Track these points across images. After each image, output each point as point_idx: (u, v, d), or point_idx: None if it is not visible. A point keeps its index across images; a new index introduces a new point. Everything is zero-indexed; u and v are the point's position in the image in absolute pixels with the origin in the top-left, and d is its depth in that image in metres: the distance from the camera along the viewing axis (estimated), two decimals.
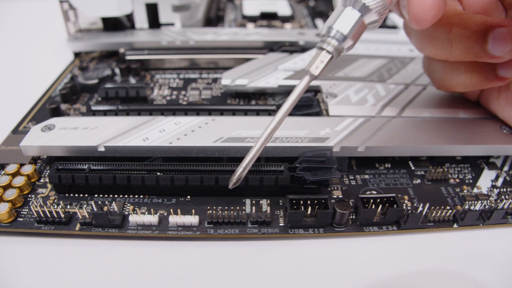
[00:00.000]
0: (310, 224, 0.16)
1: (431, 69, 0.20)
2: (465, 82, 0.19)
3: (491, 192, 0.19)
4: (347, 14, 0.13)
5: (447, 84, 0.20)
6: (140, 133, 0.18)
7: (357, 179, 0.19)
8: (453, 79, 0.19)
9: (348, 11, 0.13)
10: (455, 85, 0.19)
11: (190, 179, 0.17)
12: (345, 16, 0.13)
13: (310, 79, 0.14)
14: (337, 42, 0.13)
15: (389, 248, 0.16)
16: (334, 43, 0.13)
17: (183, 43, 0.26)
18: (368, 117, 0.20)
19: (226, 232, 0.16)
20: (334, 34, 0.13)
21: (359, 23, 0.13)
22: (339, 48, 0.13)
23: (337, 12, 0.13)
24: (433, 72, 0.20)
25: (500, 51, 0.16)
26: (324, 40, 0.13)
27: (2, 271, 0.15)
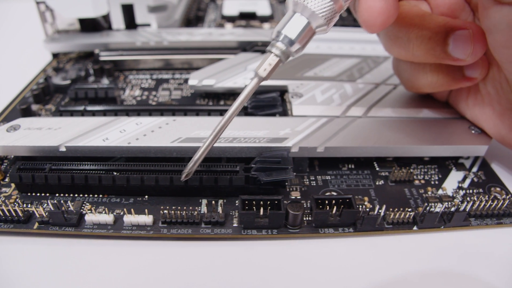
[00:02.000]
0: (263, 225, 0.16)
1: (399, 70, 0.20)
2: (432, 82, 0.18)
3: (456, 193, 0.19)
4: (295, 20, 0.14)
5: (414, 85, 0.20)
6: (101, 133, 0.18)
7: (318, 179, 0.19)
8: (419, 79, 0.19)
9: (297, 17, 0.14)
10: (422, 85, 0.19)
11: (145, 179, 0.17)
12: (293, 22, 0.14)
13: (258, 80, 0.14)
14: (285, 46, 0.14)
15: (345, 251, 0.16)
16: (282, 47, 0.14)
17: (157, 43, 0.26)
18: (332, 117, 0.19)
19: (179, 232, 0.16)
20: (283, 38, 0.14)
21: (307, 29, 0.14)
22: (287, 52, 0.14)
23: (286, 17, 0.14)
24: (401, 73, 0.20)
25: (461, 53, 0.16)
26: (273, 44, 0.14)
27: None
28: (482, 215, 0.18)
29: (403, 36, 0.17)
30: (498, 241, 0.17)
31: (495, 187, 0.19)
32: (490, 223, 0.17)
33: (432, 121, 0.20)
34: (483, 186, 0.19)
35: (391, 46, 0.18)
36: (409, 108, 0.21)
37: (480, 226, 0.17)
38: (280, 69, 0.23)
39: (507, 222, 0.17)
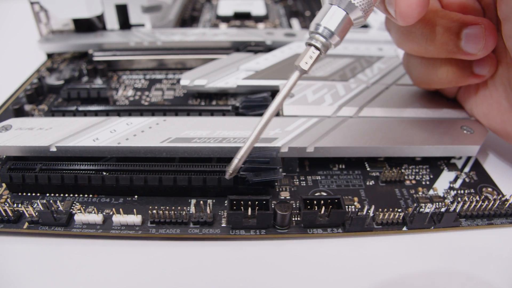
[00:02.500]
0: (251, 225, 0.16)
1: (409, 66, 0.21)
2: (441, 78, 0.19)
3: (447, 194, 0.19)
4: (334, 11, 0.14)
5: (424, 81, 0.20)
6: (92, 133, 0.18)
7: (308, 180, 0.19)
8: (429, 75, 0.19)
9: (335, 8, 0.14)
10: (432, 81, 0.20)
11: (134, 179, 0.17)
12: (332, 14, 0.14)
13: (300, 74, 0.14)
14: (325, 39, 0.14)
15: (334, 251, 0.16)
16: (322, 40, 0.14)
17: (151, 44, 0.26)
18: (323, 117, 0.19)
19: (167, 232, 0.16)
20: (322, 30, 0.14)
21: (345, 20, 0.14)
22: (327, 44, 0.14)
23: (324, 9, 0.14)
24: (411, 69, 0.20)
25: (473, 48, 0.17)
26: (313, 36, 0.14)
27: None
28: (473, 215, 0.17)
29: (417, 31, 0.18)
30: (488, 241, 0.17)
31: (486, 187, 0.19)
32: (481, 224, 0.17)
33: (424, 121, 0.20)
34: (474, 186, 0.19)
35: (404, 41, 0.19)
36: (401, 108, 0.21)
37: (471, 227, 0.17)
38: (272, 69, 0.23)
39: (498, 223, 0.17)
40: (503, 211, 0.18)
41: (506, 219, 0.18)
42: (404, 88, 0.23)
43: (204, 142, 0.18)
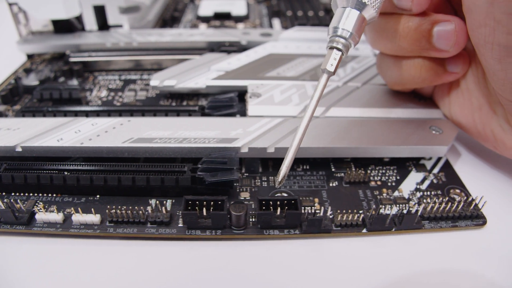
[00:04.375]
0: (207, 225, 0.16)
1: (383, 67, 0.21)
2: (415, 77, 0.19)
3: (412, 195, 0.18)
4: (348, 13, 0.15)
5: (398, 81, 0.20)
6: (57, 133, 0.19)
7: (270, 180, 0.19)
8: (403, 74, 0.19)
9: (348, 10, 0.15)
10: (405, 81, 0.20)
11: (94, 179, 0.17)
12: (346, 15, 0.15)
13: (328, 76, 0.15)
14: (344, 39, 0.15)
15: (290, 253, 0.16)
16: (342, 41, 0.15)
17: (127, 44, 0.26)
18: (288, 118, 0.20)
19: (125, 232, 0.16)
20: (341, 32, 0.15)
21: (360, 19, 0.15)
22: (347, 44, 0.15)
23: (338, 13, 0.15)
24: (385, 70, 0.21)
25: (445, 44, 0.17)
26: (333, 40, 0.15)
27: None
28: (437, 217, 0.17)
29: (390, 27, 0.18)
30: (452, 244, 0.17)
31: (454, 188, 0.19)
32: (445, 226, 0.17)
33: (393, 121, 0.20)
34: (442, 187, 0.19)
35: (378, 39, 0.19)
36: (370, 108, 0.21)
37: (434, 229, 0.17)
38: (242, 69, 0.24)
39: (463, 225, 0.17)
40: (468, 213, 0.17)
41: (472, 221, 0.17)
42: (375, 87, 0.23)
43: (165, 142, 0.18)
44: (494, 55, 0.15)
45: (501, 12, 0.14)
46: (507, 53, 0.14)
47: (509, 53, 0.14)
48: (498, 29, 0.14)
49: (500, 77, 0.16)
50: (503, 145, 0.18)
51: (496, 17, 0.14)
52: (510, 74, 0.15)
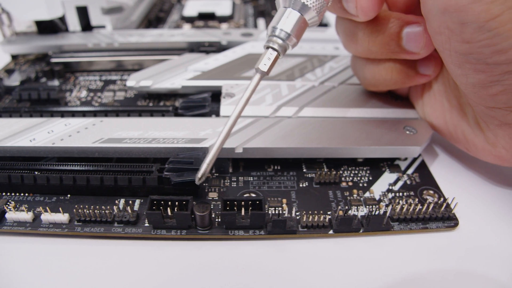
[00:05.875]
0: (172, 225, 0.16)
1: (356, 68, 0.21)
2: (386, 79, 0.19)
3: (384, 196, 0.18)
4: (289, 13, 0.15)
5: (371, 82, 0.20)
6: (31, 134, 0.19)
7: (240, 181, 0.19)
8: (375, 76, 0.20)
9: (289, 11, 0.15)
10: (378, 82, 0.20)
11: (64, 179, 0.18)
12: (287, 16, 0.15)
13: (261, 76, 0.15)
14: (282, 40, 0.15)
15: (254, 253, 0.16)
16: (279, 42, 0.15)
17: (108, 45, 0.27)
18: (259, 118, 0.20)
19: (92, 231, 0.17)
20: (279, 33, 0.15)
21: (300, 21, 0.15)
22: (284, 45, 0.15)
23: (279, 13, 0.15)
24: (358, 71, 0.21)
25: (415, 46, 0.17)
26: (270, 39, 0.15)
27: None
28: (407, 219, 0.17)
29: (360, 31, 0.18)
30: (422, 246, 0.17)
31: (428, 190, 0.19)
32: (415, 228, 0.17)
33: (367, 121, 0.20)
34: (415, 188, 0.19)
35: (349, 43, 0.19)
36: (345, 108, 0.21)
37: (403, 231, 0.17)
38: (219, 70, 0.24)
39: (433, 227, 0.17)
40: (440, 215, 0.17)
41: (443, 223, 0.17)
42: (351, 87, 0.23)
43: (134, 142, 0.18)
44: (453, 61, 0.15)
45: (453, 21, 0.14)
46: (465, 60, 0.15)
47: (467, 59, 0.15)
48: (452, 37, 0.14)
49: (462, 81, 0.16)
50: (473, 147, 0.18)
51: (449, 26, 0.14)
52: (470, 79, 0.15)
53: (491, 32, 0.13)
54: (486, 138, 0.17)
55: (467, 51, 0.14)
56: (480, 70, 0.14)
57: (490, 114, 0.16)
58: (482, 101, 0.16)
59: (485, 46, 0.14)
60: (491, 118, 0.16)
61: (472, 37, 0.14)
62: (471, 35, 0.14)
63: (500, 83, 0.14)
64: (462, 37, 0.14)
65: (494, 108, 0.16)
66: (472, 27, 0.13)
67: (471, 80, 0.15)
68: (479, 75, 0.15)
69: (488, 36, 0.13)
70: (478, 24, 0.13)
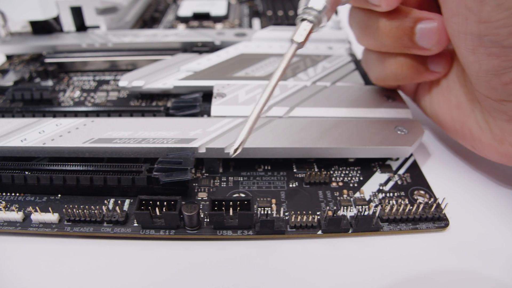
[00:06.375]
0: (160, 225, 0.16)
1: (367, 62, 0.21)
2: (396, 74, 0.20)
3: (374, 197, 0.18)
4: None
5: (381, 76, 0.21)
6: (22, 134, 0.19)
7: (230, 181, 0.19)
8: (385, 70, 0.20)
9: None
10: (388, 77, 0.20)
11: (54, 178, 0.18)
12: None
13: (296, 47, 0.15)
14: (317, 12, 0.15)
15: (242, 254, 0.16)
16: (313, 13, 0.15)
17: (102, 45, 0.27)
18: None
19: (81, 230, 0.17)
20: (312, 4, 0.15)
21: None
22: (319, 17, 0.15)
23: None
24: (369, 65, 0.21)
25: (427, 42, 0.18)
26: (305, 11, 0.15)
27: None
28: (396, 219, 0.17)
29: (373, 25, 0.18)
30: (412, 247, 0.17)
31: (419, 190, 0.19)
32: (405, 228, 0.17)
33: (358, 121, 0.20)
34: (406, 189, 0.19)
35: (362, 35, 0.20)
36: (336, 108, 0.21)
37: (392, 232, 0.17)
38: (211, 70, 0.24)
39: (423, 228, 0.17)
40: (430, 215, 0.17)
41: (433, 223, 0.17)
42: (344, 87, 0.23)
43: (124, 142, 0.18)
44: (468, 45, 0.15)
45: None
46: (479, 42, 0.15)
47: (481, 42, 0.15)
48: (470, 17, 0.14)
49: (474, 69, 0.16)
50: (480, 144, 0.18)
51: (468, 5, 0.14)
52: (483, 65, 0.15)
53: (509, 11, 0.13)
54: (493, 135, 0.17)
55: (484, 32, 0.14)
56: (494, 54, 0.14)
57: (500, 109, 0.16)
58: (493, 93, 0.16)
59: (502, 27, 0.14)
60: (500, 113, 0.16)
61: (490, 16, 0.14)
62: (489, 14, 0.14)
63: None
64: (480, 16, 0.14)
65: (504, 101, 0.16)
66: (491, 5, 0.13)
67: (484, 67, 0.15)
68: (492, 61, 0.15)
69: (506, 16, 0.13)
70: (497, 2, 0.13)
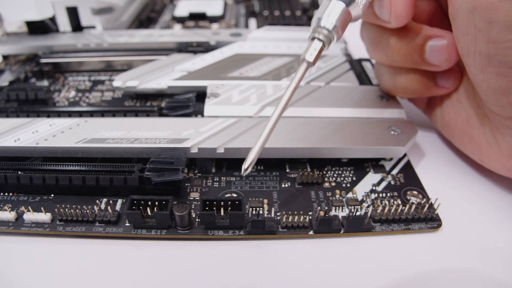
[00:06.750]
0: (151, 225, 0.17)
1: (379, 73, 0.22)
2: (406, 88, 0.20)
3: (367, 197, 0.19)
4: (333, 5, 0.15)
5: (391, 89, 0.21)
6: (16, 134, 0.19)
7: (222, 181, 0.19)
8: (395, 84, 0.21)
9: (334, 2, 0.15)
10: (397, 90, 0.21)
11: (46, 178, 0.18)
12: (331, 7, 0.15)
13: (307, 66, 0.15)
14: (327, 31, 0.15)
15: (234, 254, 0.16)
16: (324, 32, 0.15)
17: (97, 45, 0.27)
18: (242, 118, 0.20)
19: (73, 230, 0.17)
20: (324, 24, 0.15)
21: (345, 13, 0.15)
22: (329, 36, 0.15)
23: (324, 4, 0.16)
24: (380, 76, 0.22)
25: (437, 59, 0.18)
26: (315, 30, 0.15)
27: None
28: (388, 220, 0.17)
29: (384, 41, 0.19)
30: (404, 248, 0.17)
31: (412, 190, 0.19)
32: (397, 229, 0.17)
33: (351, 121, 0.20)
34: (399, 189, 0.19)
35: (373, 51, 0.20)
36: (330, 108, 0.21)
37: (384, 232, 0.17)
38: (205, 70, 0.24)
39: (416, 228, 0.17)
40: (422, 216, 0.17)
41: (426, 224, 0.17)
42: (337, 87, 0.23)
43: (117, 142, 0.18)
44: (477, 64, 0.15)
45: (481, 20, 0.14)
46: (488, 62, 0.15)
47: (490, 62, 0.15)
48: (479, 37, 0.15)
49: (483, 87, 0.16)
50: (488, 159, 0.18)
51: (477, 25, 0.14)
52: (492, 84, 0.15)
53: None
54: (501, 150, 0.17)
55: (492, 52, 0.14)
56: (502, 74, 0.15)
57: (508, 125, 0.16)
58: (501, 111, 0.16)
59: (510, 48, 0.14)
60: (508, 129, 0.16)
61: (499, 37, 0.14)
62: (498, 35, 0.14)
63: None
64: (489, 37, 0.14)
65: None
66: (500, 27, 0.14)
67: (493, 86, 0.15)
68: (500, 80, 0.15)
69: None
70: (505, 24, 0.13)
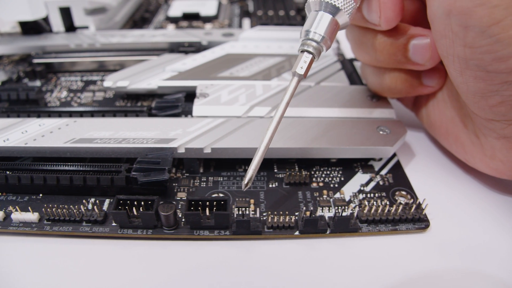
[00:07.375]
0: (137, 225, 0.17)
1: (364, 73, 0.22)
2: (391, 87, 0.20)
3: (354, 197, 0.19)
4: (321, 17, 0.15)
5: (377, 89, 0.22)
6: (5, 134, 0.20)
7: (210, 181, 0.19)
8: (381, 84, 0.21)
9: (321, 14, 0.15)
10: (383, 90, 0.21)
11: (34, 178, 0.18)
12: (319, 19, 0.15)
13: (298, 79, 0.16)
14: (316, 43, 0.15)
15: (219, 254, 0.16)
16: (313, 44, 0.15)
17: (90, 46, 0.27)
18: (231, 118, 0.20)
19: (60, 230, 0.17)
20: (312, 36, 0.15)
21: (333, 23, 0.15)
22: (318, 47, 0.15)
23: (311, 16, 0.16)
24: (366, 76, 0.22)
25: (421, 58, 0.18)
26: (304, 43, 0.15)
27: None
28: (375, 220, 0.17)
29: (368, 41, 0.19)
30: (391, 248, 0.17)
31: (400, 191, 0.19)
32: (384, 230, 0.17)
33: (340, 121, 0.20)
34: (387, 189, 0.19)
35: (357, 51, 0.20)
36: (319, 108, 0.21)
37: (371, 233, 0.17)
38: (196, 70, 0.24)
39: (403, 229, 0.17)
40: (410, 216, 0.17)
41: (414, 224, 0.17)
42: (328, 87, 0.23)
43: (105, 142, 0.19)
44: (456, 67, 0.16)
45: (457, 24, 0.14)
46: (466, 65, 0.15)
47: (468, 65, 0.15)
48: (456, 41, 0.15)
49: (463, 90, 0.16)
50: (472, 158, 0.19)
51: (453, 29, 0.15)
52: (471, 87, 0.15)
53: (492, 38, 0.13)
54: (484, 151, 0.17)
55: (469, 56, 0.14)
56: (480, 78, 0.15)
57: (489, 127, 0.16)
58: (482, 113, 0.16)
59: (486, 53, 0.14)
60: (490, 130, 0.16)
61: (474, 42, 0.14)
62: (473, 40, 0.14)
63: (499, 93, 0.15)
64: (465, 41, 0.14)
65: (493, 121, 0.16)
66: (475, 31, 0.14)
67: (471, 89, 0.15)
68: (479, 84, 0.15)
69: (489, 42, 0.14)
70: (480, 29, 0.13)
